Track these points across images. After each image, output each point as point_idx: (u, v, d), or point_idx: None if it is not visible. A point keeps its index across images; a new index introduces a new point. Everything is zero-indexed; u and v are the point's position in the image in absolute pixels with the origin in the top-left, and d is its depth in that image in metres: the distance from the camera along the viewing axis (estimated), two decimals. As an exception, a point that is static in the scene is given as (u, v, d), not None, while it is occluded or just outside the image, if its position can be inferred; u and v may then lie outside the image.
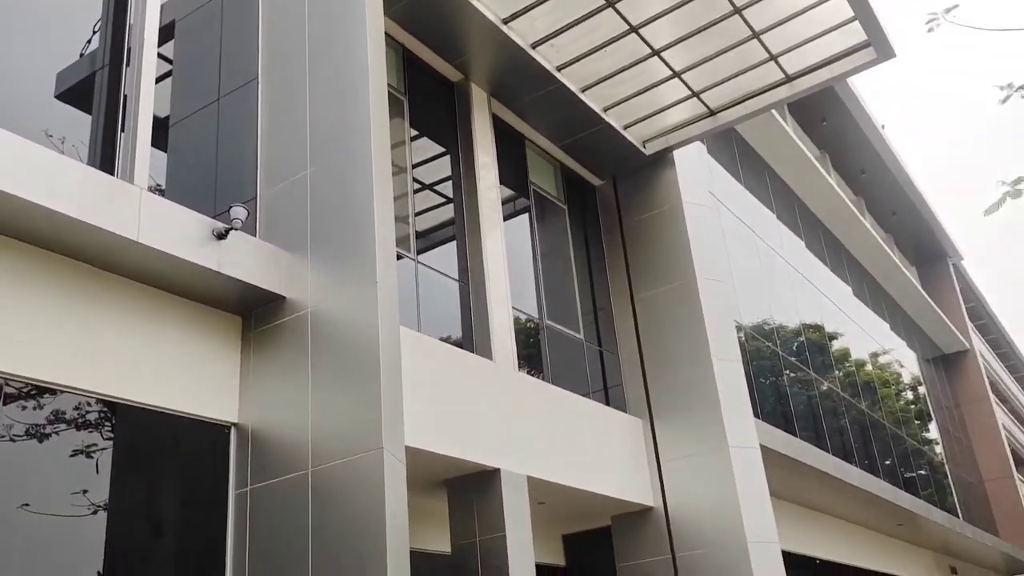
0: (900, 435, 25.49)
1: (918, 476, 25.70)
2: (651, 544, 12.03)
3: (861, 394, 23.26)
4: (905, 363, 29.94)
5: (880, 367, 26.96)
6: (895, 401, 27.33)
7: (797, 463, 14.18)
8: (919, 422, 29.07)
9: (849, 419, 21.64)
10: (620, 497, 11.73)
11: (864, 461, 20.35)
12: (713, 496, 11.72)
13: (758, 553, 11.27)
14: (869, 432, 22.68)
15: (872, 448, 22.32)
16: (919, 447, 27.58)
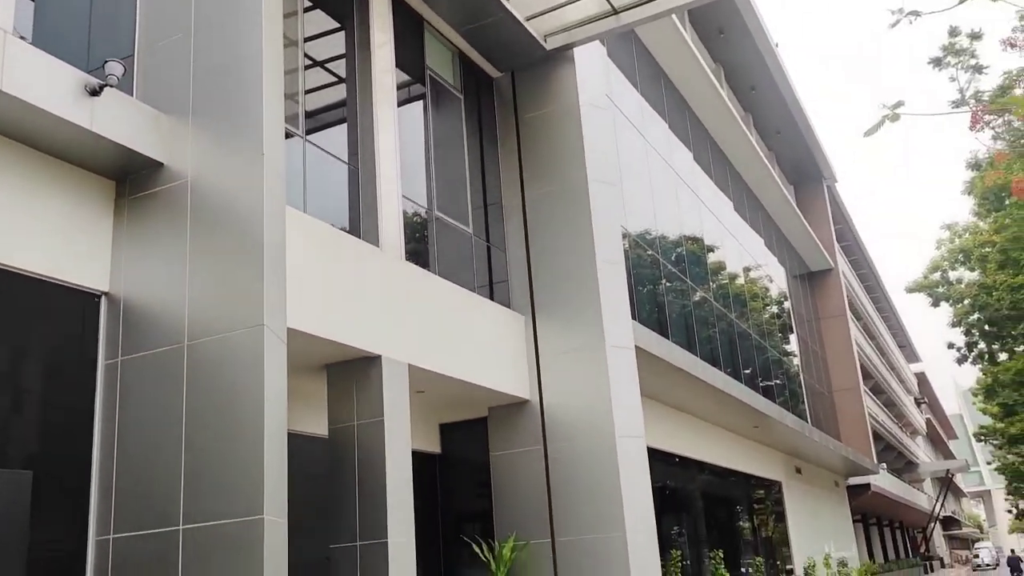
0: (763, 345, 26.92)
1: (775, 384, 27.35)
2: (525, 435, 12.39)
3: (732, 305, 24.31)
4: (774, 278, 31.39)
5: (751, 281, 28.16)
6: (761, 314, 28.72)
7: (668, 365, 14.78)
8: (781, 335, 30.73)
9: (719, 328, 22.64)
10: (498, 389, 11.97)
11: (729, 368, 21.46)
12: (587, 392, 12.11)
13: (625, 447, 11.79)
14: (736, 341, 23.85)
15: (737, 356, 23.51)
16: (779, 357, 29.24)
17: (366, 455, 9.38)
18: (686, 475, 19.27)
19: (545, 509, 11.98)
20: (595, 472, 11.78)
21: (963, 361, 42.31)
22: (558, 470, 12.04)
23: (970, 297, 39.01)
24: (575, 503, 11.80)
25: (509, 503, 12.27)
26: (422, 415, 12.63)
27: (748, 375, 23.66)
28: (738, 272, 26.43)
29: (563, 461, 12.03)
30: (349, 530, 9.23)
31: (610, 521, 11.50)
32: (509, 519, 12.17)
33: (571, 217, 12.82)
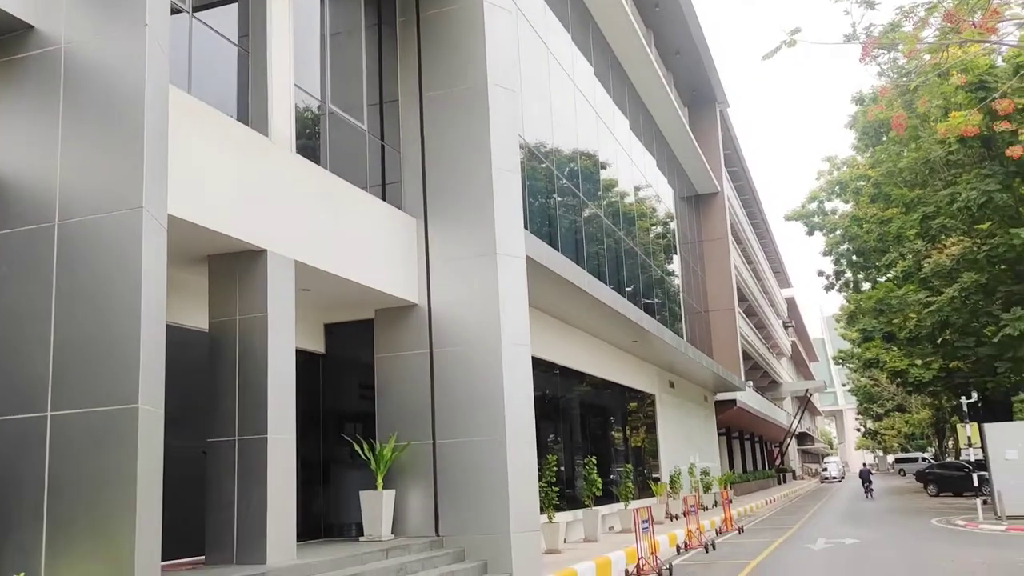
0: (648, 264, 27.63)
1: (656, 302, 28.22)
2: (411, 339, 12.40)
3: (620, 223, 24.74)
4: (663, 199, 32.04)
5: (640, 200, 28.67)
6: (648, 233, 29.39)
7: (557, 277, 14.97)
8: (665, 254, 31.59)
9: (606, 245, 23.05)
10: (386, 291, 11.88)
11: (613, 284, 21.95)
12: (476, 299, 12.16)
13: (510, 355, 11.97)
14: (622, 258, 24.36)
15: (622, 272, 24.06)
16: (662, 276, 30.12)
17: (248, 350, 9.19)
18: (566, 385, 19.82)
19: (428, 411, 12.11)
20: (479, 377, 11.94)
21: (830, 289, 44.70)
22: (443, 374, 12.15)
23: (842, 228, 40.93)
24: (458, 407, 11.97)
25: (392, 404, 12.33)
26: (307, 313, 12.44)
27: (631, 292, 24.31)
28: (628, 191, 26.82)
29: (448, 365, 12.13)
30: (228, 425, 9.09)
31: (491, 425, 11.74)
32: (391, 420, 12.26)
33: (469, 121, 12.62)
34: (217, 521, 8.97)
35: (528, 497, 11.83)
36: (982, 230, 25.25)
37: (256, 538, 8.75)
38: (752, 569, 13.49)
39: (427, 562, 10.68)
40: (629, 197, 26.78)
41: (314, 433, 12.81)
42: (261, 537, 8.73)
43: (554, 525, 15.50)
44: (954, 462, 41.98)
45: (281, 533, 8.87)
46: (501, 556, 11.42)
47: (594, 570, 13.36)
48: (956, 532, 19.22)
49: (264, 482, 8.83)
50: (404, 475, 12.05)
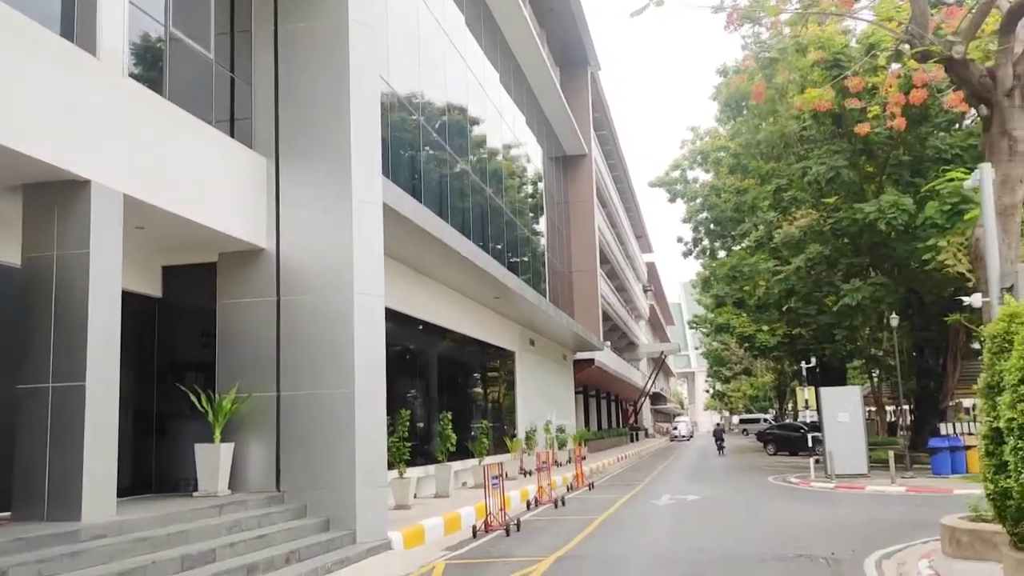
0: (514, 222, 27.54)
1: (520, 260, 28.24)
2: (257, 285, 11.75)
3: (488, 180, 24.48)
4: (532, 158, 31.97)
5: (509, 158, 28.50)
6: (516, 192, 29.29)
7: (416, 228, 14.54)
8: (532, 214, 31.62)
9: (473, 201, 22.76)
10: (231, 234, 11.15)
11: (479, 241, 21.71)
12: (328, 245, 11.61)
13: (363, 304, 11.52)
14: (488, 215, 24.14)
15: (487, 229, 23.86)
16: (527, 235, 30.14)
17: (66, 290, 8.37)
18: (426, 339, 19.51)
19: (273, 362, 11.53)
20: (329, 327, 11.45)
21: (688, 255, 46.12)
22: (290, 323, 11.58)
23: (702, 197, 42.26)
24: (305, 358, 11.45)
25: (235, 354, 11.68)
26: (141, 254, 11.59)
27: (497, 250, 24.16)
28: (498, 148, 26.56)
29: (296, 314, 11.57)
30: (41, 370, 8.28)
31: (340, 378, 11.29)
32: (233, 370, 11.61)
33: (327, 57, 11.94)
34: (26, 474, 8.20)
35: (376, 452, 11.50)
36: (829, 204, 26.44)
37: (70, 493, 8.05)
38: (597, 525, 13.70)
39: (264, 519, 10.21)
40: (498, 154, 26.53)
41: (147, 382, 12.01)
42: (75, 492, 8.04)
43: (405, 480, 15.27)
44: (791, 423, 44.51)
45: (98, 487, 8.20)
46: (345, 512, 11.08)
47: (442, 526, 13.23)
48: (790, 489, 20.24)
49: (80, 433, 8.12)
50: (245, 428, 11.47)
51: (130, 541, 7.82)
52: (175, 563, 7.84)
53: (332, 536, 10.65)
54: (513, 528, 13.04)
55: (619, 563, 9.88)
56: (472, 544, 11.89)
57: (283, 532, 10.00)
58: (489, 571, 9.62)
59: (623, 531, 12.95)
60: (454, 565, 10.14)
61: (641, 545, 11.34)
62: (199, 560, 8.17)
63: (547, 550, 10.97)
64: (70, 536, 7.49)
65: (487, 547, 11.58)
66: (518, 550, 11.16)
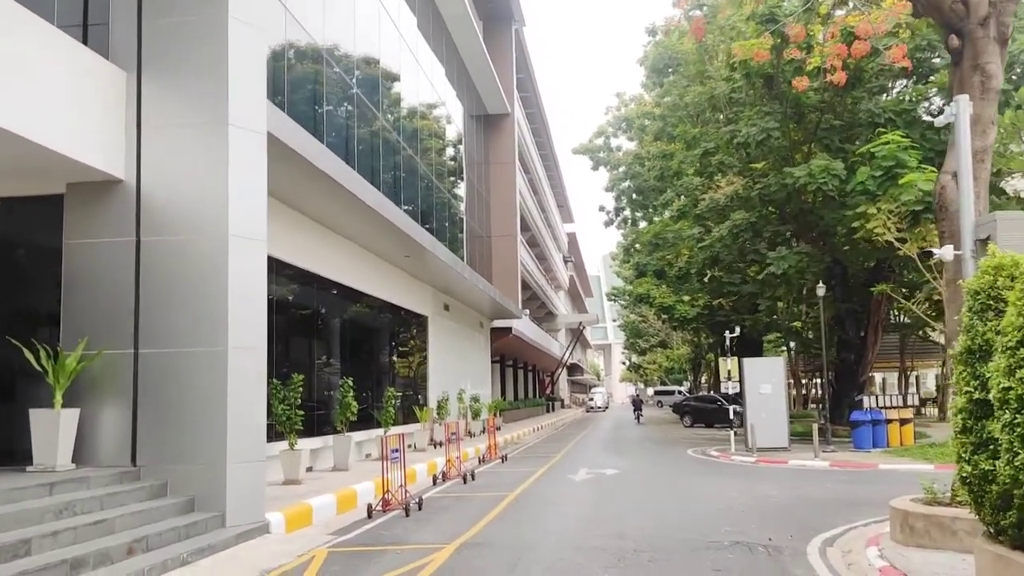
0: (430, 179, 25.86)
1: (438, 222, 26.60)
2: (113, 223, 9.90)
3: (404, 136, 22.76)
4: (451, 114, 30.27)
5: (427, 116, 26.81)
6: (433, 148, 27.62)
7: (312, 168, 12.81)
8: (450, 174, 29.97)
9: (389, 158, 21.04)
10: (78, 159, 9.30)
11: (396, 202, 20.01)
12: (199, 178, 9.84)
13: (239, 249, 9.81)
14: (403, 173, 22.43)
15: (401, 187, 22.16)
16: (445, 195, 28.50)
17: None
18: (327, 299, 17.81)
19: (130, 314, 9.75)
20: (199, 275, 9.72)
21: (610, 224, 45.25)
22: (152, 269, 9.80)
23: (625, 165, 41.32)
24: (169, 310, 9.71)
25: (84, 303, 9.85)
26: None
27: (412, 211, 22.46)
28: (415, 103, 24.79)
29: (160, 259, 9.80)
30: None
31: (210, 335, 9.60)
32: (82, 323, 9.78)
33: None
34: None
35: (251, 421, 9.86)
36: (756, 170, 25.58)
37: None
38: (508, 504, 12.37)
39: (108, 499, 8.50)
40: (416, 109, 24.76)
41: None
42: None
43: (295, 453, 13.66)
44: (708, 395, 44.21)
45: None
46: (213, 491, 9.44)
47: (334, 504, 11.71)
48: (711, 463, 19.35)
49: None
50: (96, 392, 9.68)
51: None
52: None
53: (196, 519, 9.01)
54: (414, 507, 11.61)
55: (529, 553, 8.53)
56: (365, 527, 10.41)
57: (131, 515, 8.33)
58: (376, 563, 8.15)
59: (536, 511, 11.65)
60: (337, 554, 8.64)
61: (555, 529, 10.04)
62: (1, 555, 6.46)
63: (448, 535, 9.56)
64: None
65: (380, 531, 10.10)
66: (415, 534, 9.72)
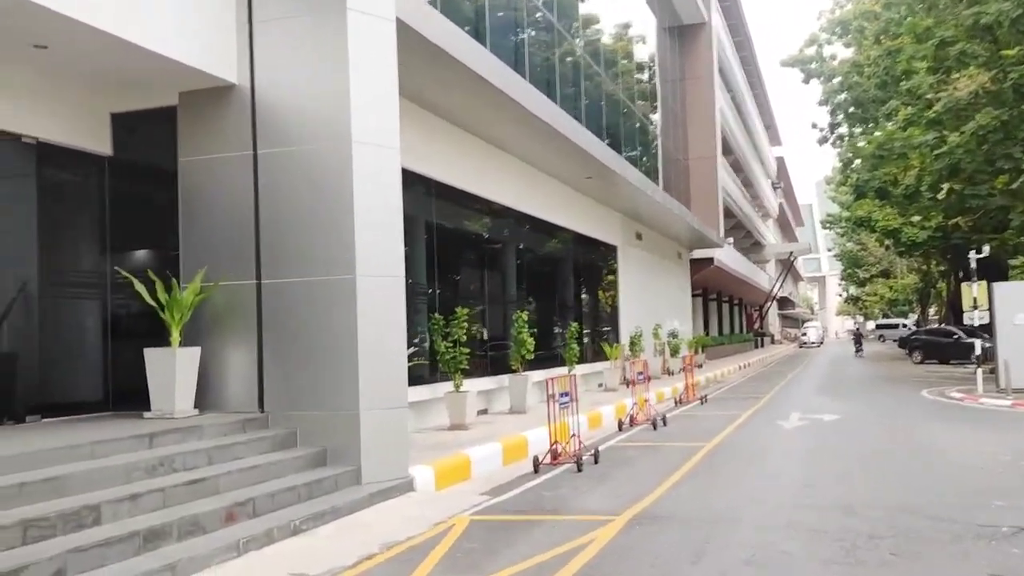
0: (617, 95, 23.55)
1: (627, 144, 24.29)
2: (229, 135, 8.64)
3: (585, 44, 20.58)
4: (641, 26, 27.63)
5: (618, 26, 24.46)
6: (625, 67, 25.26)
7: (465, 70, 11.06)
8: (644, 94, 27.46)
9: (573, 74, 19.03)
10: (189, 63, 8.12)
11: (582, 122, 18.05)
12: (317, 76, 8.34)
13: (364, 159, 8.24)
14: (581, 83, 20.30)
15: (583, 107, 20.07)
16: (638, 117, 26.10)
17: None
18: (500, 225, 16.22)
19: (251, 238, 8.51)
20: (319, 191, 8.29)
21: (824, 142, 40.85)
22: (270, 186, 8.47)
23: (841, 75, 36.95)
24: (290, 233, 8.37)
25: (202, 229, 8.72)
26: (76, 93, 8.68)
27: (596, 128, 20.29)
28: (601, 11, 22.43)
29: (277, 174, 8.44)
30: None
31: (335, 261, 8.18)
32: (201, 251, 8.68)
33: None
34: None
35: (389, 361, 8.38)
36: (1008, 57, 21.17)
37: None
38: (701, 458, 10.32)
39: (220, 452, 7.31)
40: (598, 13, 22.41)
41: (99, 268, 9.26)
42: None
43: (460, 395, 12.26)
44: (942, 328, 39.40)
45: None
46: (346, 441, 8.10)
47: (500, 454, 10.20)
48: (953, 407, 16.18)
49: None
50: (219, 328, 8.58)
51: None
52: (6, 531, 4.96)
53: (325, 475, 7.71)
54: (588, 460, 9.84)
55: (722, 531, 6.49)
56: (526, 484, 8.75)
57: (242, 472, 7.08)
58: (521, 539, 6.43)
59: (735, 470, 9.52)
60: (480, 523, 7.01)
61: (758, 496, 7.90)
62: (59, 525, 5.28)
63: (621, 500, 7.68)
64: None
65: (542, 491, 8.40)
66: (581, 498, 7.93)
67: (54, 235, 8.85)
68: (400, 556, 6.00)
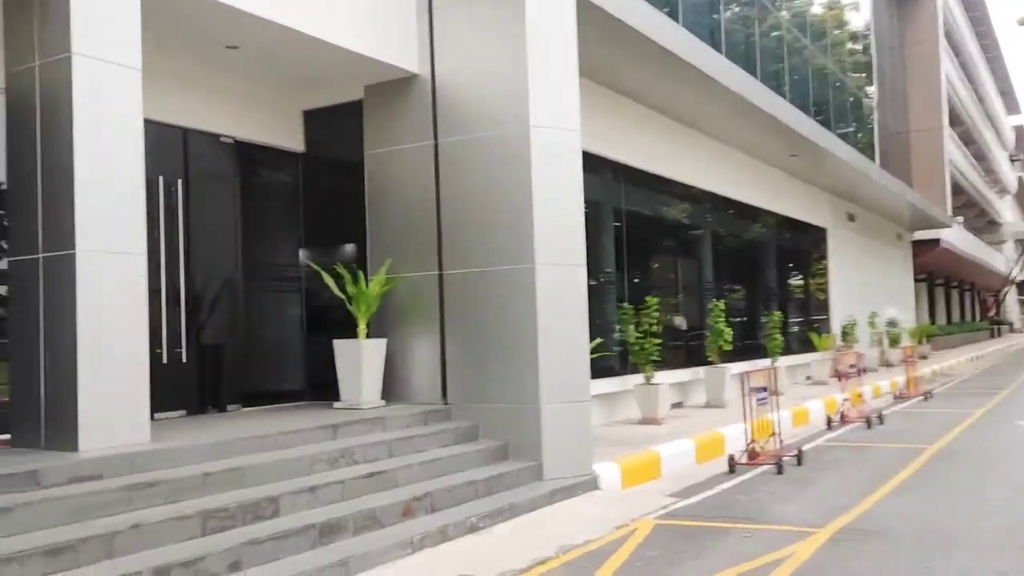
0: (830, 69, 21.92)
1: (837, 117, 22.59)
2: (410, 125, 8.62)
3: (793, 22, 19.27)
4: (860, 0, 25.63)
5: (835, 7, 22.85)
6: (842, 48, 23.57)
7: (653, 46, 10.50)
8: (857, 64, 25.48)
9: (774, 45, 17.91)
10: (374, 56, 8.19)
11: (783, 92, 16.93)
12: (494, 58, 8.13)
13: (543, 143, 7.91)
14: (785, 52, 19.03)
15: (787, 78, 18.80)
16: (850, 87, 24.25)
17: (50, 117, 5.76)
18: (692, 207, 15.46)
19: (433, 228, 8.44)
20: (496, 178, 8.08)
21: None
22: (450, 174, 8.37)
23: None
24: (468, 223, 8.23)
25: (386, 221, 8.79)
26: (271, 92, 9.00)
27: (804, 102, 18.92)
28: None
29: (458, 161, 8.32)
30: (29, 236, 5.84)
31: (513, 249, 7.93)
32: (384, 241, 8.75)
33: None
34: (22, 384, 5.90)
35: (570, 353, 8.03)
36: None
37: (64, 411, 5.61)
38: (923, 463, 9.23)
39: (402, 444, 7.28)
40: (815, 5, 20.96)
41: (295, 260, 9.59)
42: (69, 410, 5.56)
43: (651, 388, 11.73)
44: None
45: (104, 403, 5.66)
46: (527, 436, 7.86)
47: (692, 452, 9.65)
48: None
49: (72, 323, 5.57)
50: (403, 319, 8.61)
51: (123, 488, 5.18)
52: (179, 524, 5.07)
53: (505, 470, 7.51)
54: (790, 460, 9.06)
55: (947, 554, 5.64)
56: (719, 486, 8.16)
57: (422, 466, 7.00)
58: (710, 549, 5.89)
59: (963, 478, 8.40)
60: (665, 528, 6.53)
61: (993, 510, 6.88)
62: (238, 516, 5.37)
63: (826, 510, 6.93)
64: (33, 477, 5.00)
65: (736, 495, 7.78)
66: (780, 505, 7.24)
67: (255, 231, 9.24)
68: (574, 562, 5.65)
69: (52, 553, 4.42)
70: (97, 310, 5.62)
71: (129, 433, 5.77)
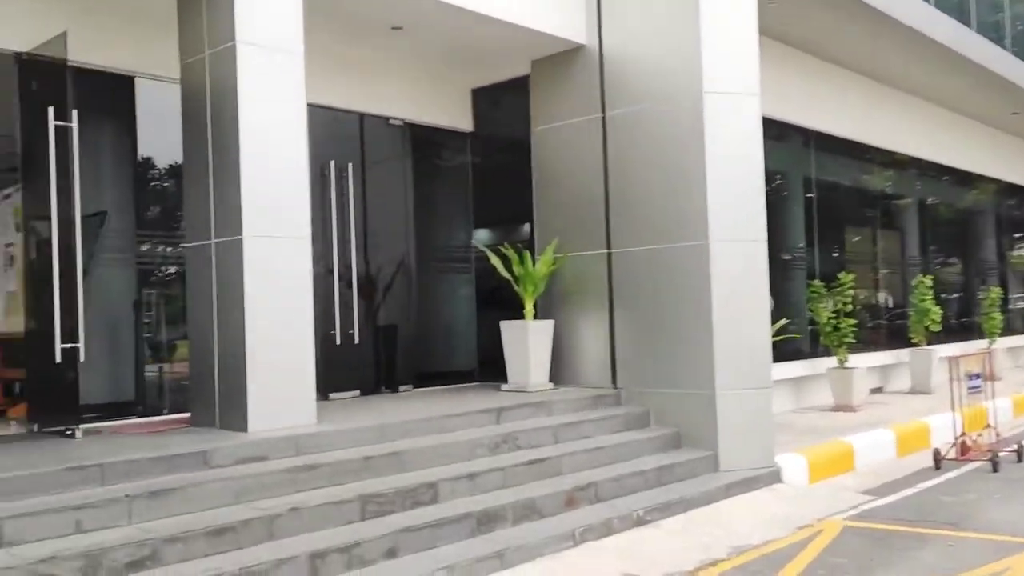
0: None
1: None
2: (577, 98, 8.28)
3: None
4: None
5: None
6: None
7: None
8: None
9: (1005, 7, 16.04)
10: (541, 29, 7.94)
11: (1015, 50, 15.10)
12: (663, 21, 7.63)
13: (716, 110, 7.36)
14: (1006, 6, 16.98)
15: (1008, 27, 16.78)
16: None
17: (220, 110, 5.90)
18: (893, 174, 14.12)
19: (600, 205, 8.10)
20: (667, 150, 7.61)
21: None
22: (617, 149, 7.98)
23: None
24: (637, 198, 7.82)
25: (553, 199, 8.54)
26: (438, 71, 8.93)
27: None
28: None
29: (626, 134, 7.92)
30: (202, 221, 6.03)
31: (686, 225, 7.45)
32: (551, 220, 8.51)
33: None
34: (199, 365, 6.13)
35: (748, 335, 7.45)
36: None
37: (235, 393, 5.77)
38: None
39: (567, 430, 7.02)
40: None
41: (466, 241, 9.56)
42: (239, 392, 5.72)
43: (846, 372, 10.84)
44: None
45: (272, 385, 5.76)
46: (701, 424, 7.39)
47: (892, 443, 8.82)
48: None
49: (240, 306, 5.71)
50: (571, 300, 8.34)
51: (286, 470, 5.23)
52: (337, 508, 5.06)
53: (677, 460, 7.09)
54: (1008, 457, 8.05)
55: None
56: (921, 484, 7.35)
57: (587, 453, 6.72)
58: (908, 558, 5.23)
59: None
60: (855, 532, 5.90)
61: None
62: (396, 502, 5.31)
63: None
64: (202, 458, 5.15)
65: (940, 495, 6.96)
66: (993, 509, 6.38)
67: (426, 212, 9.28)
68: (747, 566, 5.19)
69: (215, 533, 4.50)
70: (264, 294, 5.73)
71: (296, 415, 5.87)
